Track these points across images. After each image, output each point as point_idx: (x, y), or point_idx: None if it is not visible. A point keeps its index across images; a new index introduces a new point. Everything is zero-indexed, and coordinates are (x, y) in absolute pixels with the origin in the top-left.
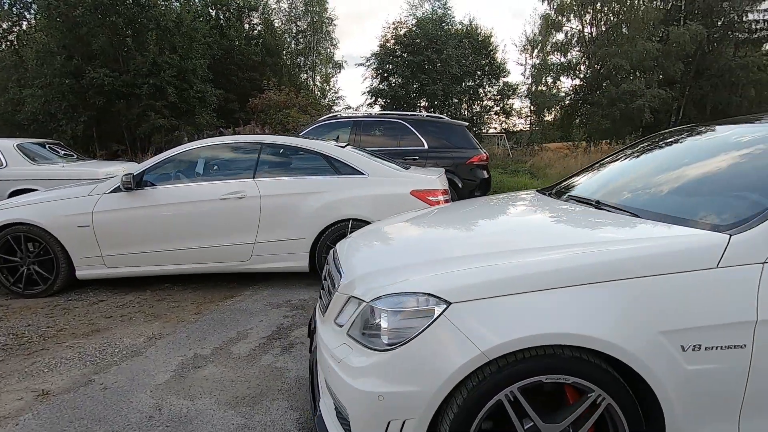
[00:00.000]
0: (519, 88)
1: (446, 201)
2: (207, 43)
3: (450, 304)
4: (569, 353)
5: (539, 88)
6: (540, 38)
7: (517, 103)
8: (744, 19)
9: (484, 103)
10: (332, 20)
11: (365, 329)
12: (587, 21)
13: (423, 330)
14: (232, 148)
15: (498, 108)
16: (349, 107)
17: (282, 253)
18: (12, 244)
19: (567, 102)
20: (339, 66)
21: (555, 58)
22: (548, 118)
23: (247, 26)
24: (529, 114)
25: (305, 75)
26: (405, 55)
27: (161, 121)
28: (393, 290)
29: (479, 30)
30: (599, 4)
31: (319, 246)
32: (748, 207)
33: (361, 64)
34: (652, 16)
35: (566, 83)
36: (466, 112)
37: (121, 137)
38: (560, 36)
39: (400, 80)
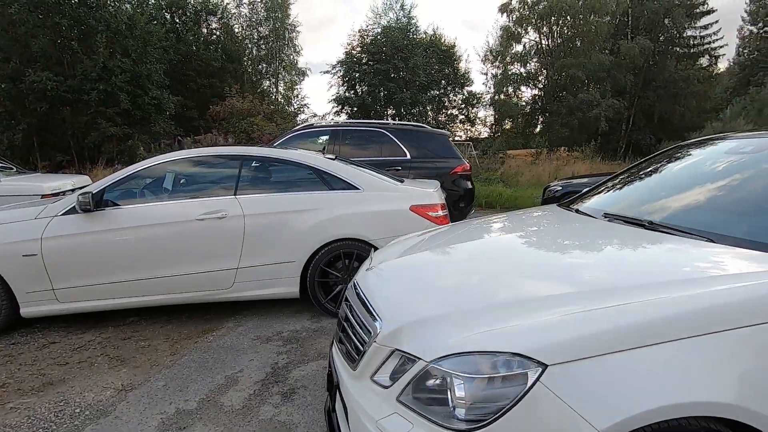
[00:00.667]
0: (483, 97)
1: (446, 216)
2: (163, 47)
3: (546, 366)
4: (697, 424)
5: (501, 97)
6: (501, 49)
7: (481, 112)
8: (683, 35)
9: (450, 111)
10: (295, 27)
11: (426, 395)
12: (545, 33)
13: (514, 403)
14: (207, 162)
15: (463, 116)
16: (315, 115)
17: (269, 279)
18: None
19: (527, 110)
20: (303, 73)
21: (515, 68)
22: (507, 126)
23: (205, 30)
24: (494, 122)
25: (268, 82)
26: (372, 63)
27: (113, 129)
28: (464, 348)
29: (443, 39)
30: (554, 18)
31: (311, 269)
32: None
33: (327, 72)
34: (603, 30)
35: (527, 93)
36: (433, 121)
37: (66, 147)
38: (519, 47)
39: (366, 88)
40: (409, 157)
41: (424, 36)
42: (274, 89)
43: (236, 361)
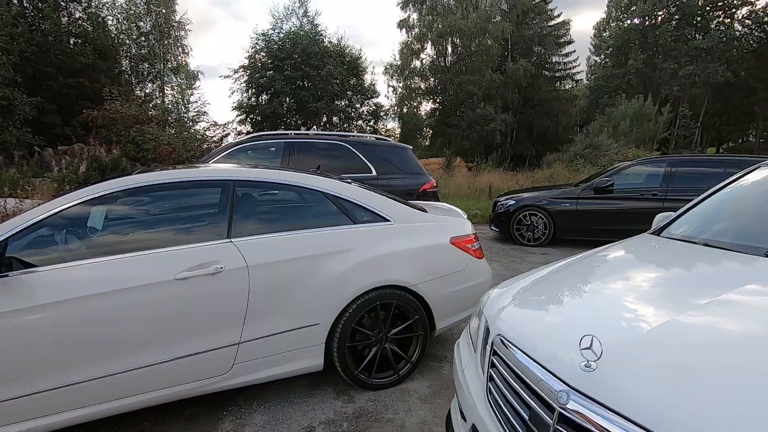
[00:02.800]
0: (389, 110)
1: (481, 249)
2: (11, 35)
3: None
4: None
5: (404, 110)
6: (399, 63)
7: (390, 124)
8: (551, 60)
9: (357, 123)
10: (184, 25)
11: None
12: (441, 51)
13: None
14: (179, 190)
15: (370, 128)
16: (215, 123)
17: (283, 352)
18: None
19: (432, 123)
20: (194, 77)
21: (416, 83)
22: (398, 137)
23: (66, 20)
24: (400, 134)
25: (152, 85)
26: (280, 68)
27: None
28: None
29: (348, 50)
30: (451, 38)
31: (340, 331)
32: None
33: (228, 76)
34: (494, 52)
35: (428, 107)
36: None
37: None
38: (418, 63)
39: (272, 96)
40: (375, 173)
41: (330, 44)
42: (159, 93)
43: None
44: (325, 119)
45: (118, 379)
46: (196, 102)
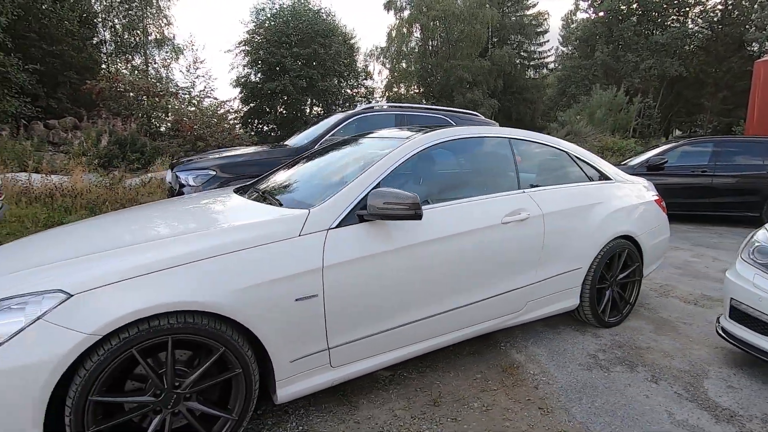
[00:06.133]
0: (383, 92)
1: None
2: None
3: None
4: None
5: (394, 91)
6: (393, 47)
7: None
8: (528, 50)
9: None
10: None
11: None
12: (431, 35)
13: None
14: (470, 145)
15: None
16: (222, 102)
17: (554, 293)
18: None
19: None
20: (179, 50)
21: (404, 67)
22: None
23: None
24: None
25: (139, 56)
26: (291, 45)
27: None
28: None
29: (343, 29)
30: (443, 22)
31: (593, 275)
32: None
33: (229, 51)
34: (483, 38)
35: (413, 90)
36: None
37: None
38: (410, 46)
39: (267, 74)
40: None
41: (331, 22)
42: (144, 66)
43: None
44: (332, 99)
45: (459, 313)
46: (204, 76)
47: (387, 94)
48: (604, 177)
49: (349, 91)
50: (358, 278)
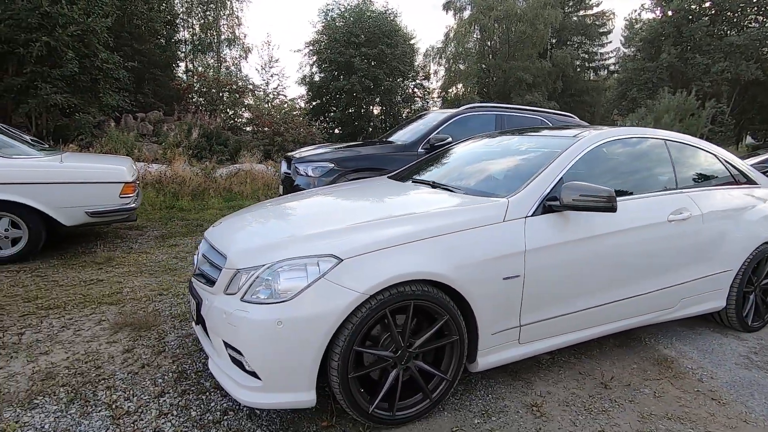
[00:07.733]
0: (439, 92)
1: None
2: None
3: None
4: None
5: (451, 92)
6: (450, 48)
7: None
8: (588, 51)
9: (415, 106)
10: None
11: None
12: (490, 35)
13: None
14: (631, 144)
15: (410, 111)
16: (291, 99)
17: (703, 293)
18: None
19: None
20: (248, 50)
21: (463, 65)
22: None
23: None
24: None
25: (212, 55)
26: (360, 45)
27: (58, 97)
28: None
29: (404, 29)
30: (505, 23)
31: (742, 277)
32: None
33: (298, 50)
34: (545, 38)
35: (467, 91)
36: (404, 114)
37: None
38: (467, 47)
39: (335, 74)
40: None
41: (396, 23)
42: (219, 65)
43: None
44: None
45: (622, 304)
46: (278, 74)
47: (443, 94)
48: (750, 181)
49: (409, 91)
50: (550, 263)
